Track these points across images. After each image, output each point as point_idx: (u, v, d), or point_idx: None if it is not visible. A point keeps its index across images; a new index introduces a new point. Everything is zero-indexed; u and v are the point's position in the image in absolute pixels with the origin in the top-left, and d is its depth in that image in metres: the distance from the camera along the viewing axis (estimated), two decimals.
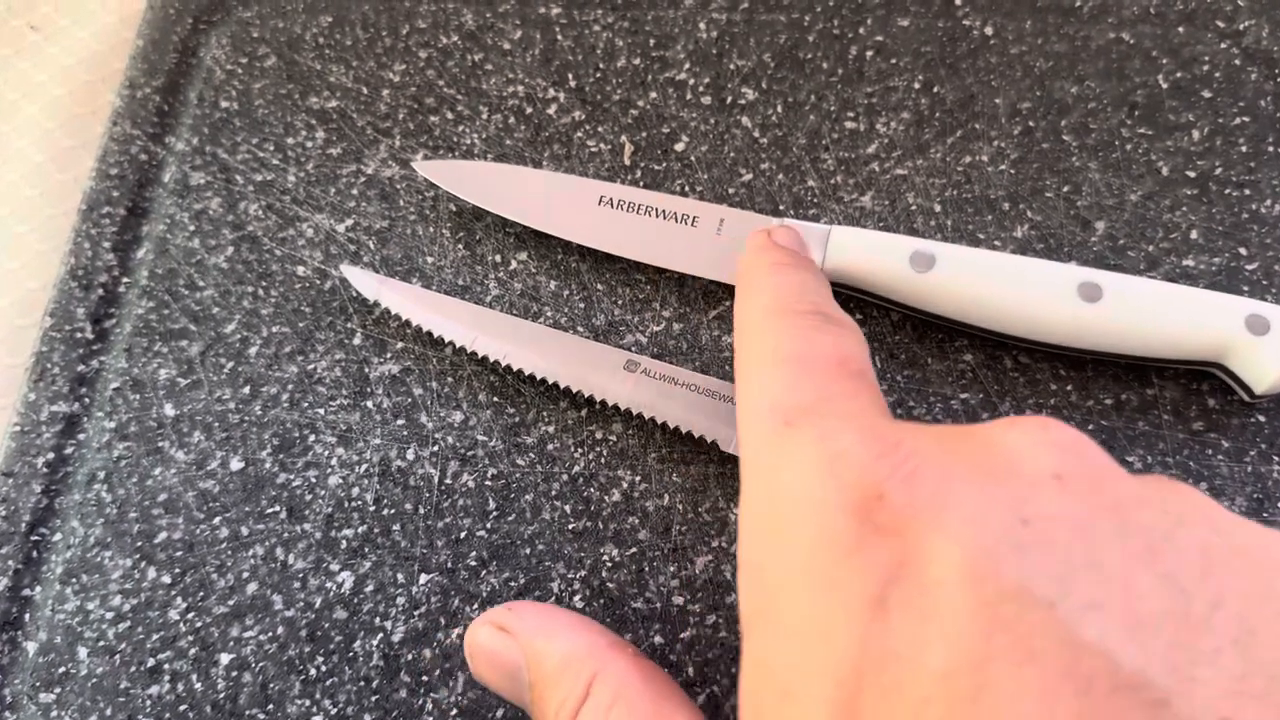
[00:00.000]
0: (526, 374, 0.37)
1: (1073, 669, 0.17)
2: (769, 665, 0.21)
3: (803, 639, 0.20)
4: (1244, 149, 0.41)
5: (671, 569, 0.35)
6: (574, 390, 0.36)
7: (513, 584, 0.34)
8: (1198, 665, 0.17)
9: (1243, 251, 0.39)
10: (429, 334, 0.38)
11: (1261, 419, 0.36)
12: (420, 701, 0.33)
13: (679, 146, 0.42)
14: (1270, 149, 0.41)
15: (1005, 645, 0.17)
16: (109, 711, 0.33)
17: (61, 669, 0.34)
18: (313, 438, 0.37)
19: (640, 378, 0.36)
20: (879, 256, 0.37)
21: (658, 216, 0.39)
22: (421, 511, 0.36)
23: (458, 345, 0.37)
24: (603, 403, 0.36)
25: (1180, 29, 0.44)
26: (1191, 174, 0.41)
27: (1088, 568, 0.18)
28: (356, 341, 0.39)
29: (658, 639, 0.33)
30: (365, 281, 0.39)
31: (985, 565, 0.18)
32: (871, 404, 0.24)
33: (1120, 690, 0.16)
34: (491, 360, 0.37)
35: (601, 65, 0.44)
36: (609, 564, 0.35)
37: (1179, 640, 0.17)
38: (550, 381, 0.36)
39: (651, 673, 0.25)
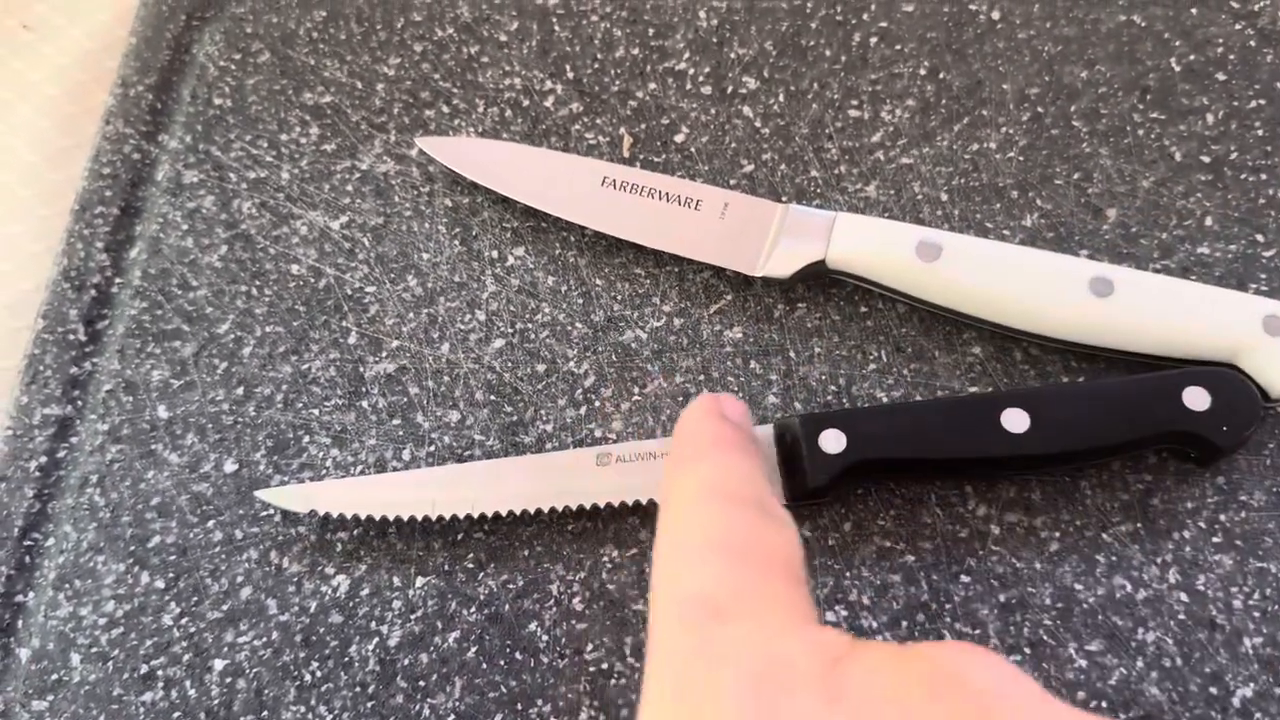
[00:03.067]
0: (504, 514, 0.34)
1: None
2: None
3: None
4: (1260, 132, 0.40)
5: None
6: (559, 509, 0.34)
7: (510, 585, 0.34)
8: None
9: (1260, 238, 0.38)
10: (383, 520, 0.34)
11: None
12: (417, 707, 0.32)
13: (679, 138, 0.42)
14: None
15: None
16: (102, 719, 0.33)
17: (54, 676, 0.33)
18: (307, 439, 0.37)
19: (617, 467, 0.34)
20: (884, 245, 0.36)
21: (661, 199, 0.38)
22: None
23: (419, 518, 0.34)
24: (594, 507, 0.34)
25: (1193, 10, 0.42)
26: (1206, 159, 0.39)
27: None
28: (351, 340, 0.38)
29: None
30: (291, 497, 0.34)
31: None
32: (809, 611, 0.23)
33: None
34: (462, 517, 0.34)
35: (600, 56, 0.43)
36: (609, 565, 0.34)
37: None
38: (532, 510, 0.34)
39: None
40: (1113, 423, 0.32)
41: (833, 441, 0.32)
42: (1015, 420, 0.32)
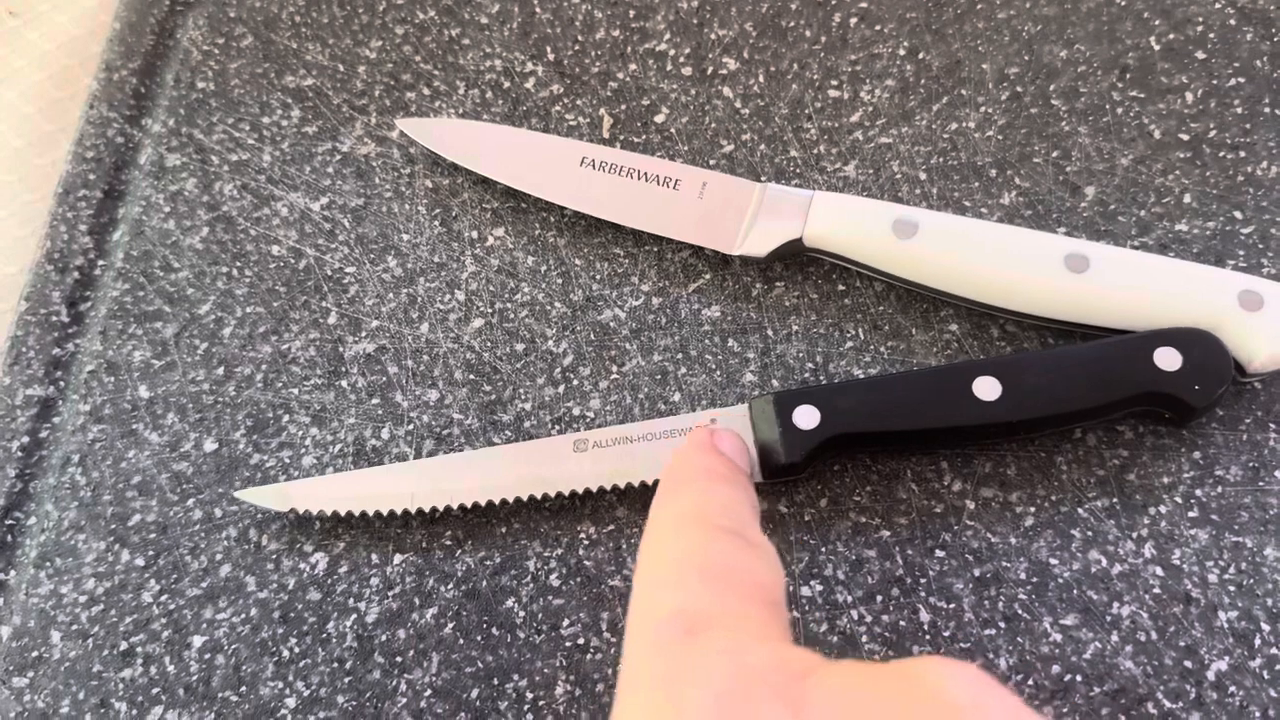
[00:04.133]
0: (483, 504, 0.34)
1: None
2: None
3: None
4: (1239, 110, 0.40)
5: None
6: (538, 496, 0.34)
7: (488, 562, 0.34)
8: None
9: (1238, 215, 0.38)
10: (363, 515, 0.34)
11: (1257, 385, 0.35)
12: (394, 683, 0.32)
13: (659, 118, 0.42)
14: (1266, 110, 0.40)
15: None
16: (82, 695, 0.33)
17: (35, 653, 0.34)
18: (287, 418, 0.37)
19: (594, 453, 0.34)
20: (861, 223, 0.36)
21: (640, 179, 0.38)
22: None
23: (398, 512, 0.34)
24: (572, 493, 0.34)
25: None
26: (1185, 137, 0.39)
27: None
28: (331, 320, 0.38)
29: None
30: (270, 496, 0.35)
31: None
32: (783, 633, 0.23)
33: None
34: (441, 509, 0.34)
35: (580, 37, 0.44)
36: (586, 542, 0.34)
37: None
38: (511, 499, 0.34)
39: None
40: (1085, 386, 0.32)
41: (806, 417, 0.32)
42: (987, 388, 0.32)
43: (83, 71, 0.47)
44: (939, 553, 0.33)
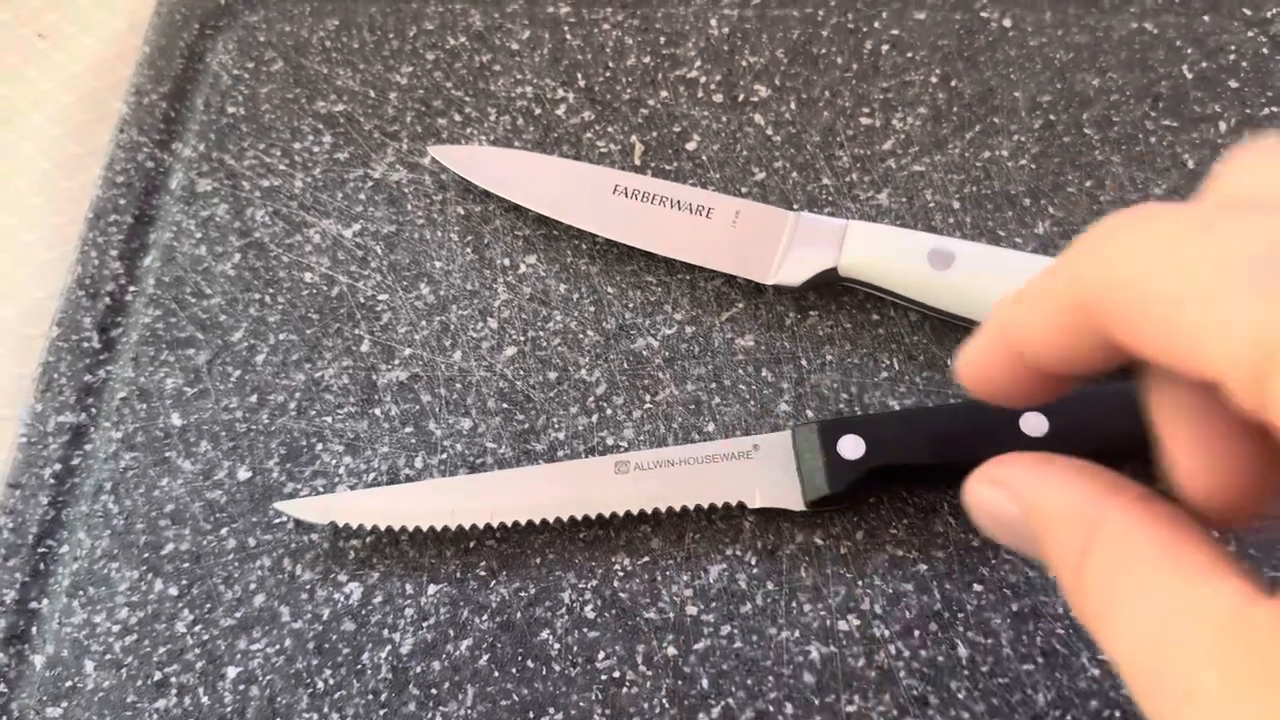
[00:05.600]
0: (524, 523, 0.34)
1: None
2: None
3: None
4: None
5: (685, 578, 0.34)
6: (578, 517, 0.34)
7: (522, 593, 0.34)
8: None
9: None
10: (401, 530, 0.34)
11: None
12: (429, 715, 0.32)
13: (690, 146, 0.42)
14: None
15: None
16: None
17: (68, 683, 0.34)
18: (320, 446, 0.37)
19: (635, 475, 0.34)
20: (896, 253, 0.36)
21: (672, 207, 0.38)
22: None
23: (438, 528, 0.34)
24: (613, 515, 0.34)
25: (1205, 18, 0.42)
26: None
27: None
28: (364, 348, 0.38)
29: (671, 650, 0.33)
30: (308, 509, 0.35)
31: None
32: None
33: None
34: (481, 526, 0.34)
35: (611, 64, 0.44)
36: (620, 573, 0.34)
37: None
38: (551, 519, 0.34)
39: (1160, 516, 0.20)
40: (1132, 424, 0.32)
41: (851, 447, 0.32)
42: (1034, 424, 0.32)
43: (111, 95, 0.47)
44: (977, 587, 0.33)
